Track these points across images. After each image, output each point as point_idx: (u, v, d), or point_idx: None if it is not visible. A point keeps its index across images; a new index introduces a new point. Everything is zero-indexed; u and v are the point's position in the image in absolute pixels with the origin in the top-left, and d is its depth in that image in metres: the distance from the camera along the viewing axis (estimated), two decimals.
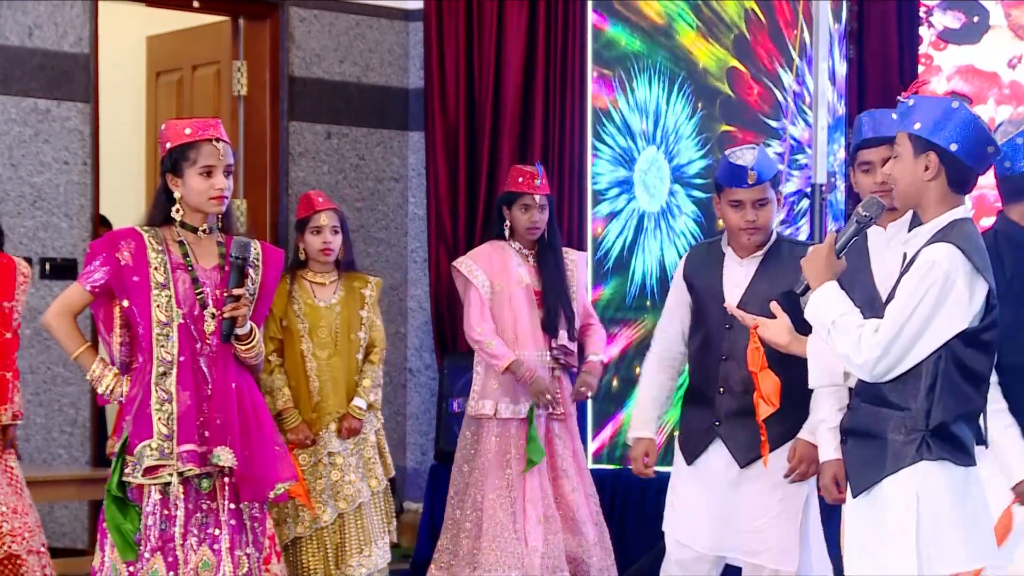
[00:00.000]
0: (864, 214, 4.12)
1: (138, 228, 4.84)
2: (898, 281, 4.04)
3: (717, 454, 5.23)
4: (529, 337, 6.77)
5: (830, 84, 7.30)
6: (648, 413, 5.41)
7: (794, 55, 7.63)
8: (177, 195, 4.81)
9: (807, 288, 4.12)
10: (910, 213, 5.06)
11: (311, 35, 8.50)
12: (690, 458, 5.28)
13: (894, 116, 5.01)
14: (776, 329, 4.28)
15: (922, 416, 3.98)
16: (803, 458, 5.07)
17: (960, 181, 4.05)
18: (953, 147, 4.00)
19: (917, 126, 4.03)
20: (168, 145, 4.82)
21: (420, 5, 8.71)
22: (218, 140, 4.81)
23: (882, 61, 7.44)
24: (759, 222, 5.20)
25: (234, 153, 4.92)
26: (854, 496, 4.11)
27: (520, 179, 6.77)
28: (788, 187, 7.67)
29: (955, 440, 4.00)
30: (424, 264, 8.77)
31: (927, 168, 4.03)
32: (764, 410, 4.77)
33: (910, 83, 7.26)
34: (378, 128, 8.77)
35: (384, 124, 8.79)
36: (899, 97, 4.13)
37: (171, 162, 4.80)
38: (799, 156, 7.64)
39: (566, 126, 8.29)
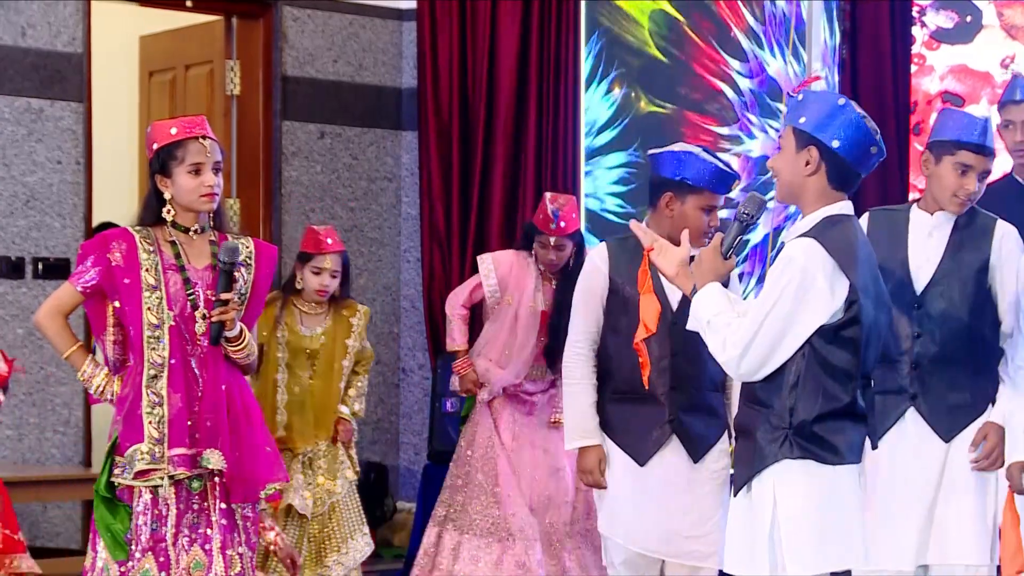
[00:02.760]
0: (746, 212, 4.11)
1: (130, 229, 4.83)
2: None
3: (671, 452, 5.13)
4: (519, 361, 6.78)
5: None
6: (591, 421, 5.18)
7: (785, 48, 7.63)
8: (167, 195, 4.80)
9: (695, 289, 4.10)
10: None
11: (304, 34, 8.49)
12: (643, 459, 5.12)
13: None
14: (668, 257, 4.20)
15: (786, 414, 3.98)
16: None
17: (841, 179, 4.05)
18: (835, 143, 4.00)
19: (803, 120, 4.04)
20: (155, 146, 4.80)
21: (413, 5, 8.70)
22: (204, 137, 4.80)
23: (875, 60, 7.43)
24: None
25: (227, 153, 4.91)
26: (734, 495, 4.12)
27: (541, 216, 6.70)
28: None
29: (820, 439, 3.97)
30: (417, 264, 8.76)
31: (808, 163, 4.03)
32: (640, 333, 4.82)
33: (902, 83, 7.34)
34: (371, 128, 8.77)
35: (377, 124, 8.79)
36: (789, 92, 4.14)
37: (159, 163, 4.79)
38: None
39: (559, 126, 8.28)
